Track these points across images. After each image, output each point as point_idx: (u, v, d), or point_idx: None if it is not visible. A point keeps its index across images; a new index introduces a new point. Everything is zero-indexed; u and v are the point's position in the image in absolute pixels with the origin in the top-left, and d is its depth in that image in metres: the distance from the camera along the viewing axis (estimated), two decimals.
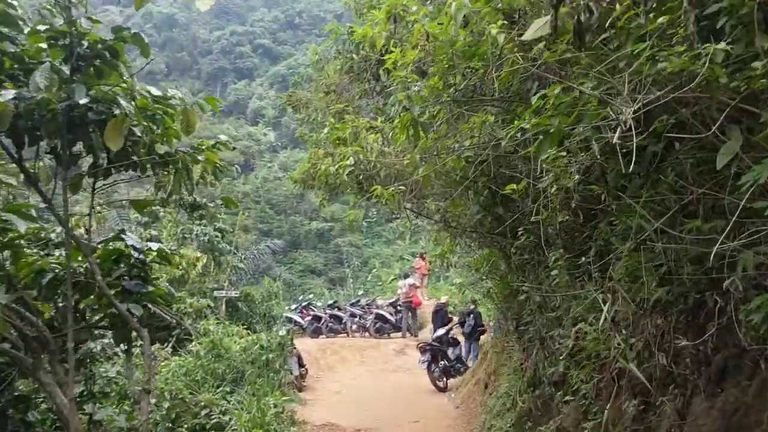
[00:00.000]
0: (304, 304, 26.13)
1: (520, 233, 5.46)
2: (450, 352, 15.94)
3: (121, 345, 7.05)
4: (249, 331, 16.05)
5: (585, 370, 4.82)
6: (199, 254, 16.25)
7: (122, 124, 4.91)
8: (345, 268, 58.33)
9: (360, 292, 27.52)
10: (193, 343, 14.03)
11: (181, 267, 15.38)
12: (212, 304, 17.40)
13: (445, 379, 15.44)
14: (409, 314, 22.20)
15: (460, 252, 10.85)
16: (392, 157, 6.08)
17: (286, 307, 27.53)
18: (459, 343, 16.38)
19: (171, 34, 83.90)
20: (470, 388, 13.47)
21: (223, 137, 5.99)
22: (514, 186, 4.40)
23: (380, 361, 19.45)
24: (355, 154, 6.10)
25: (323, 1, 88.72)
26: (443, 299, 18.05)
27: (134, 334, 6.45)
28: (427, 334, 22.89)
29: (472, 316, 16.04)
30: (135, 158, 5.82)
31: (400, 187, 5.53)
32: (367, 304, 24.28)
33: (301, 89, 12.16)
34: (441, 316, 17.12)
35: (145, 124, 5.54)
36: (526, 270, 6.04)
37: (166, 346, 15.83)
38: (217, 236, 18.14)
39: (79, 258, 6.22)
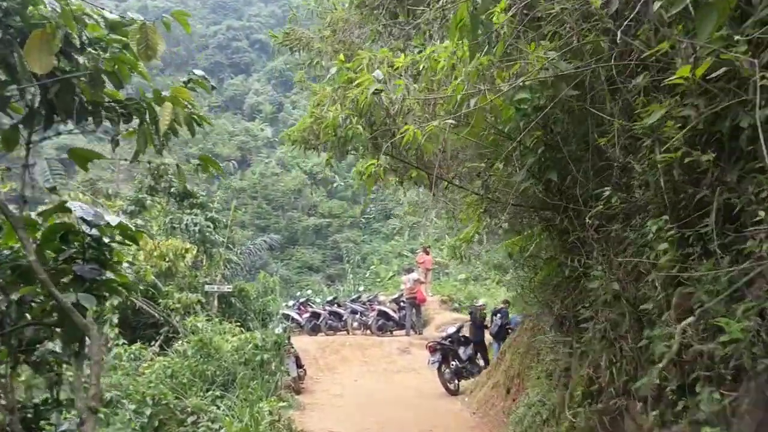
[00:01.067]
0: (301, 300, 24.67)
1: (606, 195, 4.00)
2: (461, 351, 14.53)
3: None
4: (242, 328, 14.60)
5: (702, 382, 3.39)
6: (188, 245, 14.76)
7: (51, 39, 3.47)
8: (343, 265, 57.05)
9: (361, 288, 26.00)
10: (180, 342, 12.58)
11: (167, 258, 13.90)
12: (203, 300, 15.95)
13: (456, 381, 14.01)
14: (413, 311, 20.76)
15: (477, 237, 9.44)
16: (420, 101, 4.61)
17: (283, 304, 26.08)
18: (471, 342, 14.95)
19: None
20: (487, 392, 12.02)
21: (199, 72, 4.54)
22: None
23: (384, 361, 18.00)
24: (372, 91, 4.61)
25: None
26: (480, 302, 16.66)
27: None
28: (432, 331, 21.48)
29: (499, 315, 14.66)
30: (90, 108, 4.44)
31: (447, 122, 4.03)
32: (368, 301, 22.77)
33: (300, 26, 10.46)
34: (474, 320, 15.64)
35: (94, 51, 4.12)
36: (593, 250, 4.60)
37: (153, 345, 14.40)
38: (209, 227, 16.65)
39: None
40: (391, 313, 21.22)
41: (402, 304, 21.51)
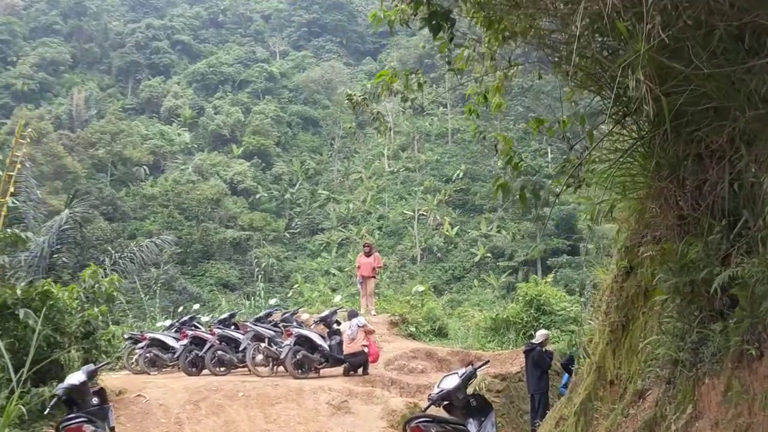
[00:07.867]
0: (184, 318, 15.63)
1: None
2: (472, 427, 6.09)
3: None
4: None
5: None
6: None
7: None
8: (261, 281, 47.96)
9: (272, 301, 17.01)
10: None
11: None
12: None
13: None
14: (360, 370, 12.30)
15: None
16: None
17: (159, 323, 17.03)
18: (491, 407, 6.60)
19: (79, 22, 71.42)
20: None
21: None
22: None
23: (304, 430, 9.34)
24: None
25: (250, 0, 78.96)
26: (542, 333, 9.19)
27: None
28: (381, 368, 13.02)
29: None
30: None
31: None
32: (282, 321, 13.86)
33: None
34: (533, 361, 7.95)
35: None
36: None
37: None
38: None
39: None
40: (317, 339, 12.50)
41: (334, 326, 12.95)
